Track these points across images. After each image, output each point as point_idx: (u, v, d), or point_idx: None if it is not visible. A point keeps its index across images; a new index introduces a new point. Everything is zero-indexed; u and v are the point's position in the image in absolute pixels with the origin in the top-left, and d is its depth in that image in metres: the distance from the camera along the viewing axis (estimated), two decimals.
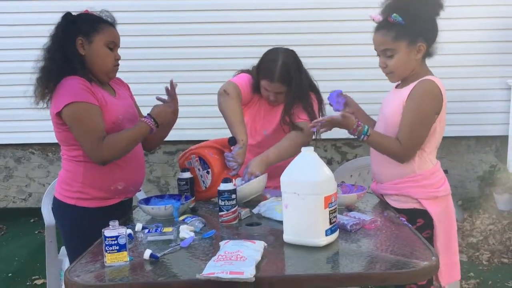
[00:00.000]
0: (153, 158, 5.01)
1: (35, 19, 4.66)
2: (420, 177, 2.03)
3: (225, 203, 1.95)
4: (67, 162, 2.10)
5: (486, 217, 4.38)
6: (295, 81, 2.33)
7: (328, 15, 4.76)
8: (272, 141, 2.41)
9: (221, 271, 1.38)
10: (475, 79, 4.82)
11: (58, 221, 2.21)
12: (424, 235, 1.95)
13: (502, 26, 4.77)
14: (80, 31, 2.02)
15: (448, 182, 2.10)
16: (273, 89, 2.34)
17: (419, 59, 2.03)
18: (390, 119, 2.05)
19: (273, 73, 2.30)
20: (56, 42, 2.03)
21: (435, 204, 2.03)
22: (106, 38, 2.06)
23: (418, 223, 2.00)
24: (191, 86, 4.79)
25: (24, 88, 2.11)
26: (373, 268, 1.47)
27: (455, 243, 2.10)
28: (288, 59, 2.33)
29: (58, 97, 1.97)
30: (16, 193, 5.08)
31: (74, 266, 1.55)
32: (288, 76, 2.32)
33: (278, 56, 2.34)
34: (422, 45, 1.99)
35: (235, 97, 2.33)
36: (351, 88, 2.91)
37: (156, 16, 4.74)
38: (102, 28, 2.06)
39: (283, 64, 2.30)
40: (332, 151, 5.04)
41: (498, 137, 5.00)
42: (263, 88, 2.38)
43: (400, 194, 2.06)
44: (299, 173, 1.66)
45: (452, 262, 2.07)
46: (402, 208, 2.05)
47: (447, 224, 2.05)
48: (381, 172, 2.14)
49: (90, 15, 2.09)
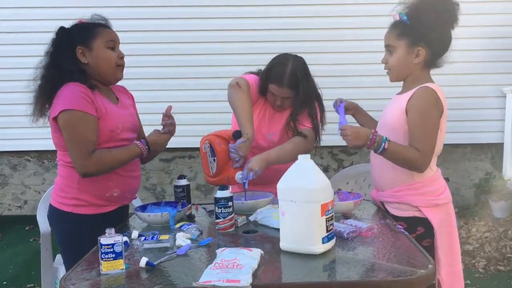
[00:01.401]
0: (149, 166, 5.00)
1: (33, 26, 4.67)
2: (420, 185, 2.00)
3: (222, 210, 1.95)
4: (63, 168, 2.09)
5: (482, 225, 4.38)
6: (302, 87, 2.33)
7: (329, 23, 4.80)
8: (276, 145, 2.41)
9: (217, 279, 1.37)
10: (471, 87, 4.85)
11: (54, 228, 2.19)
12: (424, 243, 1.94)
13: (498, 35, 4.81)
14: (77, 41, 2.03)
15: (449, 190, 2.07)
16: (281, 94, 2.34)
17: (419, 65, 2.00)
18: (390, 125, 2.03)
19: (283, 78, 2.30)
20: (53, 58, 2.04)
21: (435, 212, 1.99)
22: (104, 40, 2.07)
23: (418, 231, 1.98)
24: (187, 93, 4.81)
25: (20, 95, 2.12)
26: (370, 276, 1.46)
27: (457, 251, 2.06)
28: (298, 66, 2.34)
29: (57, 102, 1.98)
30: (11, 201, 5.05)
31: (70, 274, 1.54)
32: (297, 82, 2.32)
33: (288, 61, 2.33)
34: (422, 50, 1.96)
35: (246, 91, 2.33)
36: (355, 95, 2.93)
37: (151, 24, 4.76)
38: (98, 32, 2.06)
39: (292, 70, 2.31)
40: (328, 159, 5.04)
41: (493, 144, 5.03)
42: (270, 92, 2.38)
43: (400, 202, 2.04)
44: (295, 180, 1.66)
45: (454, 271, 2.03)
46: (402, 216, 2.03)
47: (448, 232, 2.02)
48: (382, 179, 2.12)
49: (83, 23, 2.10)
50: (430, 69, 2.05)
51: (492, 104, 4.93)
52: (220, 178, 2.23)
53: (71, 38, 2.04)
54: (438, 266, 1.97)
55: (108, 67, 2.08)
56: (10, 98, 4.70)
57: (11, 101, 4.68)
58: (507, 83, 4.81)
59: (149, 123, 2.40)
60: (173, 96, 4.81)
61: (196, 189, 4.89)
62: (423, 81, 2.00)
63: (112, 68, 2.09)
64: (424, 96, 1.94)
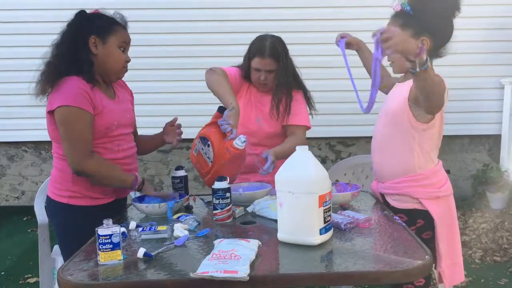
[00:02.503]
0: (147, 157, 4.99)
1: (29, 16, 4.64)
2: (421, 177, 1.99)
3: (219, 201, 1.95)
4: (58, 160, 2.09)
5: (479, 216, 4.40)
6: (283, 60, 2.44)
7: (326, 14, 4.77)
8: (265, 129, 2.51)
9: (215, 270, 1.37)
10: (469, 78, 4.85)
11: (51, 219, 2.20)
12: (424, 236, 1.95)
13: (496, 26, 4.80)
14: (94, 30, 2.02)
15: (450, 182, 2.06)
16: (264, 66, 2.42)
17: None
18: (393, 112, 2.02)
19: (264, 49, 2.41)
20: (67, 39, 2.02)
21: (436, 204, 1.99)
22: (119, 40, 2.07)
23: (418, 223, 1.98)
24: (185, 84, 4.80)
25: (17, 86, 2.12)
26: (367, 267, 1.46)
27: (458, 244, 2.06)
28: (277, 39, 2.48)
29: (55, 96, 1.96)
30: (9, 191, 5.05)
31: (68, 265, 1.54)
32: (278, 53, 2.43)
33: (267, 36, 2.48)
34: (426, 40, 1.93)
35: (221, 73, 2.41)
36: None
37: (146, 14, 4.73)
38: (116, 30, 2.07)
39: (272, 42, 2.44)
40: (326, 150, 5.04)
41: (491, 136, 5.03)
42: (254, 69, 2.45)
43: (400, 193, 2.03)
44: (293, 171, 1.66)
45: (455, 263, 2.03)
46: (402, 208, 2.02)
47: (449, 225, 2.01)
48: (383, 170, 2.11)
49: (104, 15, 2.09)
50: (433, 59, 2.02)
51: (490, 96, 4.93)
52: (218, 162, 2.12)
53: (89, 24, 2.03)
54: (438, 259, 1.98)
55: (115, 65, 2.08)
56: (7, 88, 4.68)
57: (8, 91, 4.67)
58: (506, 75, 4.81)
59: (145, 114, 2.39)
60: (170, 87, 4.81)
61: (194, 180, 4.89)
62: None
63: (119, 68, 2.10)
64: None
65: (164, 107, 4.75)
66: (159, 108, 4.72)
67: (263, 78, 2.45)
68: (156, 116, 4.87)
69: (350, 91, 2.33)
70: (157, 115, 4.81)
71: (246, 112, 2.51)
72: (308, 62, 2.54)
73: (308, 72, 2.53)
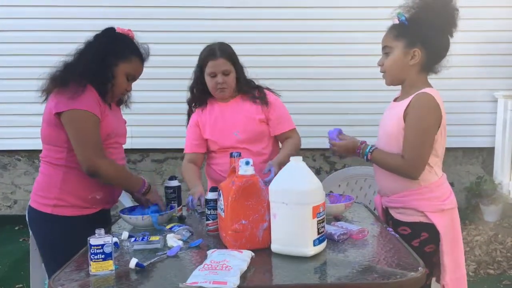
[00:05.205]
0: (141, 166, 4.99)
1: (25, 25, 4.63)
2: (426, 190, 1.97)
3: (211, 212, 1.94)
4: (46, 165, 2.06)
5: (472, 228, 4.41)
6: (235, 60, 2.43)
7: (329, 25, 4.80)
8: (245, 142, 2.44)
9: (204, 280, 1.37)
10: (463, 91, 4.88)
11: (34, 231, 2.12)
12: (427, 249, 1.94)
13: (489, 40, 4.84)
14: (111, 50, 2.05)
15: (454, 195, 2.05)
16: (219, 66, 2.39)
17: (415, 68, 1.97)
18: (390, 133, 2.01)
19: (214, 51, 2.40)
20: (90, 50, 2.05)
21: (441, 217, 1.97)
22: (129, 70, 2.10)
23: (422, 236, 1.96)
24: (178, 94, 4.77)
25: (11, 94, 2.10)
26: (360, 278, 1.46)
27: (461, 257, 2.04)
28: (224, 43, 2.47)
29: (64, 98, 1.95)
30: (1, 200, 5.01)
31: (59, 275, 1.53)
32: (229, 52, 2.43)
33: (213, 43, 2.46)
34: (418, 51, 1.93)
35: (185, 167, 2.57)
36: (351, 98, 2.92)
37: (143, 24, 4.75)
38: (131, 60, 2.09)
39: (220, 44, 2.44)
40: (320, 161, 5.04)
41: (484, 148, 5.06)
42: (209, 75, 2.41)
43: (406, 206, 2.00)
44: (287, 182, 1.66)
45: (458, 277, 2.00)
46: (406, 221, 2.00)
47: (453, 238, 1.99)
48: (386, 185, 2.08)
49: (129, 40, 2.12)
50: (427, 74, 2.02)
51: (484, 109, 4.96)
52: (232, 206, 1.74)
53: (111, 43, 2.06)
54: (443, 272, 1.95)
55: (114, 89, 2.09)
56: (0, 96, 4.67)
57: (1, 100, 4.65)
58: (499, 88, 4.85)
59: (140, 123, 2.39)
60: (167, 97, 4.80)
61: (188, 190, 4.87)
62: (420, 86, 1.96)
63: (117, 93, 2.12)
64: (420, 102, 1.91)
65: (163, 117, 4.76)
66: (158, 118, 4.75)
67: (220, 80, 2.39)
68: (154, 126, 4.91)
69: (346, 103, 2.35)
70: (156, 124, 4.84)
71: (220, 128, 2.46)
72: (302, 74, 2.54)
73: (302, 83, 2.53)
